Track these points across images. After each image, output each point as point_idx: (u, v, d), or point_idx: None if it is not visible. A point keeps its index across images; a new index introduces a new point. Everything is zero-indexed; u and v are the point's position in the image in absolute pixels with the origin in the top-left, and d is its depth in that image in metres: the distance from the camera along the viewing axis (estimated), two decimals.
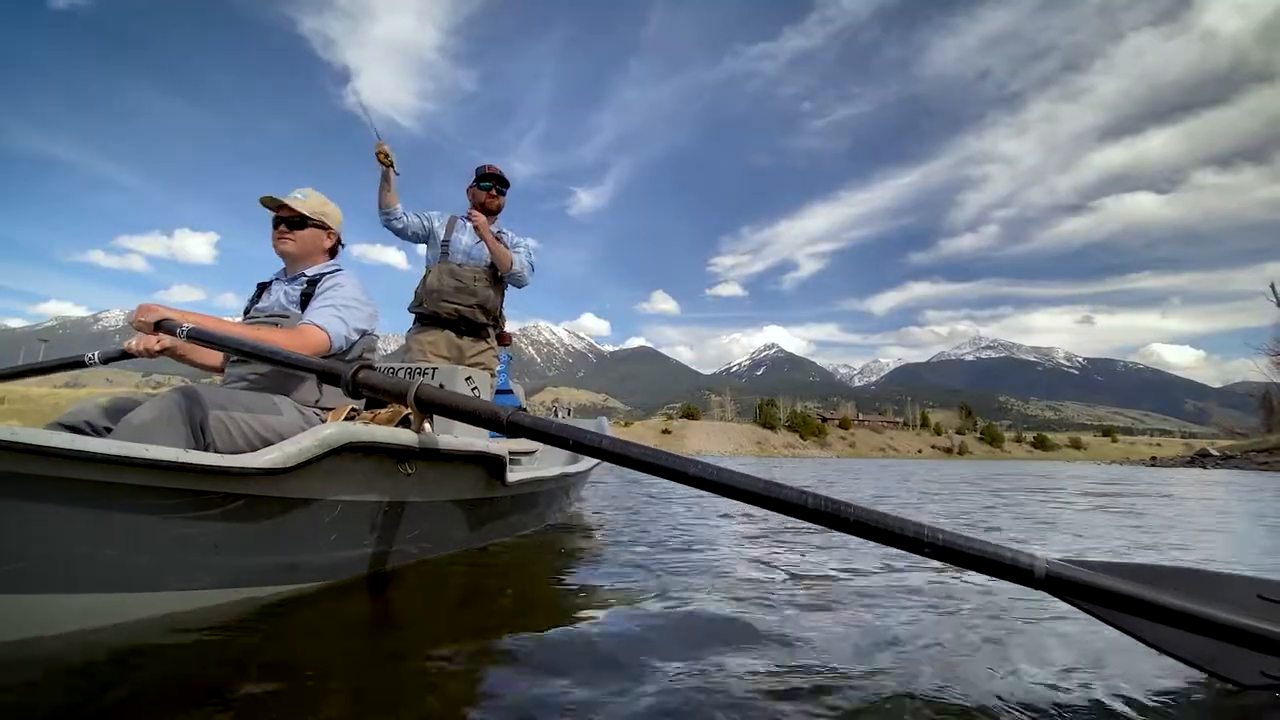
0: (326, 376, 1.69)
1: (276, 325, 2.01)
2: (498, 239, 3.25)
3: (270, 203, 2.12)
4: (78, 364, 2.13)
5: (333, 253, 2.27)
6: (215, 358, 2.13)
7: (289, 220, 2.12)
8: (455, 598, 1.84)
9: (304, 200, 2.14)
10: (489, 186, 3.30)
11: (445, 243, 3.27)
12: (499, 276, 3.33)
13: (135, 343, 1.78)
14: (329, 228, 2.20)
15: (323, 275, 2.13)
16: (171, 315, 1.71)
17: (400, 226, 3.28)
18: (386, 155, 3.07)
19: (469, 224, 3.27)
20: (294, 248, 2.13)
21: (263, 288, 2.23)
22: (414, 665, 1.23)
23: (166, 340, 1.76)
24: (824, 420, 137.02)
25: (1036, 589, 1.10)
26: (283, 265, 2.22)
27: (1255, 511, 5.65)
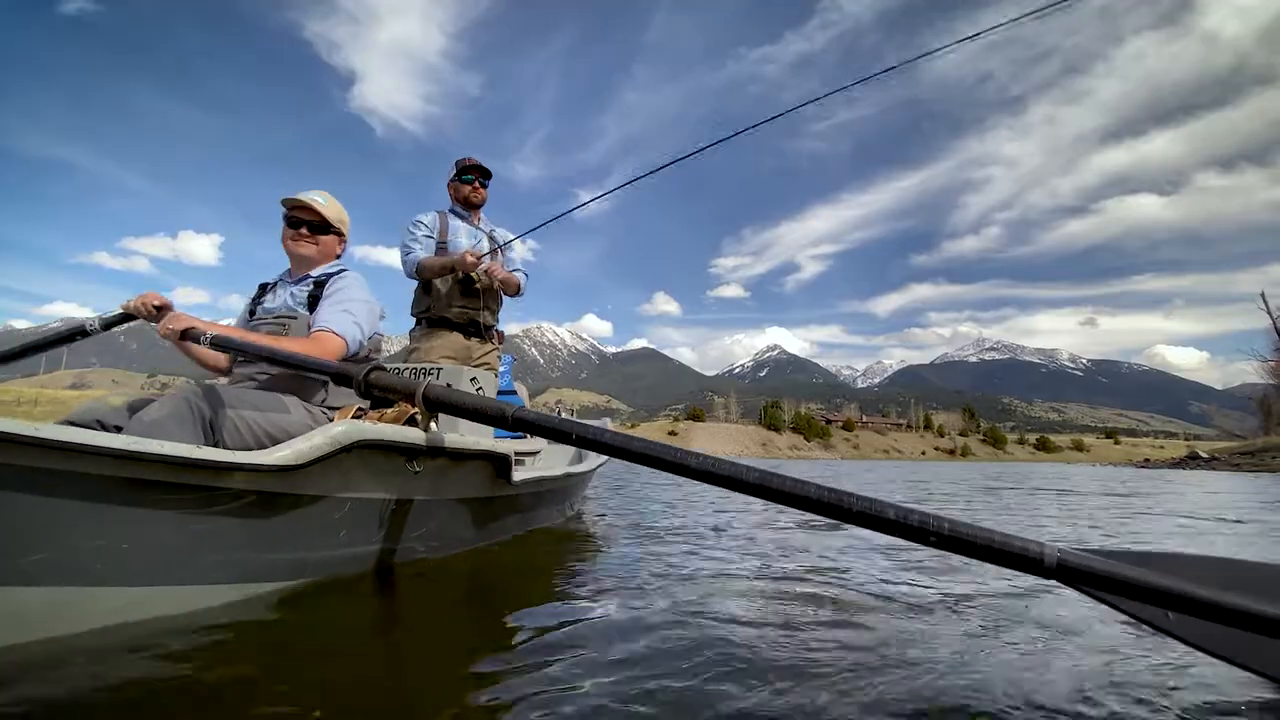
0: (340, 378, 1.71)
1: (285, 328, 2.04)
2: (491, 238, 3.29)
3: (296, 205, 2.15)
4: (79, 332, 2.08)
5: (338, 255, 2.30)
6: (215, 357, 2.15)
7: (312, 224, 2.16)
8: (461, 596, 1.85)
9: (327, 206, 2.17)
10: (471, 179, 3.25)
11: (442, 245, 3.19)
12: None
13: (135, 301, 1.85)
14: (343, 235, 2.25)
15: (329, 276, 2.15)
16: (196, 324, 1.78)
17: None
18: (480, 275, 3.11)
19: (462, 224, 3.26)
20: (314, 252, 2.17)
21: (264, 288, 2.24)
22: (420, 663, 1.25)
23: (165, 303, 1.85)
24: (828, 422, 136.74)
25: (1047, 578, 1.07)
26: (286, 266, 2.25)
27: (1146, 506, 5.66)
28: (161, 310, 1.87)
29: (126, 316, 1.96)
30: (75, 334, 2.10)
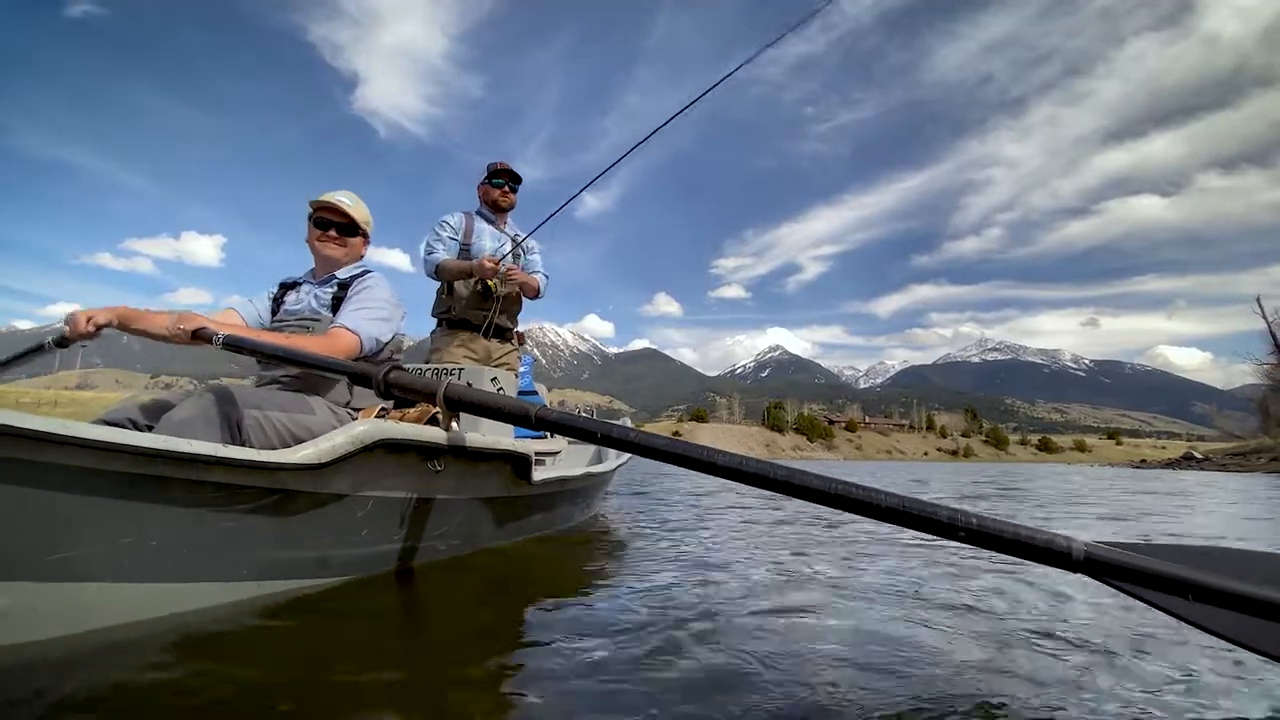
0: (358, 378, 1.71)
1: (308, 330, 2.02)
2: (514, 242, 3.28)
3: (324, 206, 2.14)
4: (39, 349, 2.06)
5: (361, 256, 2.29)
6: (162, 326, 1.92)
7: (340, 225, 2.15)
8: (482, 595, 1.84)
9: (354, 207, 2.17)
10: (501, 184, 3.29)
11: (466, 247, 3.21)
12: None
13: (69, 329, 1.77)
14: (367, 236, 2.25)
15: (353, 277, 2.14)
16: (208, 324, 1.76)
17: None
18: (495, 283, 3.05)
19: (487, 226, 3.28)
20: (341, 254, 2.17)
21: (287, 287, 2.23)
22: (440, 662, 1.24)
23: (101, 318, 1.75)
24: (831, 423, 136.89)
25: (1075, 571, 1.09)
26: (291, 266, 2.24)
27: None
28: (97, 334, 1.79)
29: (65, 341, 1.88)
30: (35, 350, 2.09)
